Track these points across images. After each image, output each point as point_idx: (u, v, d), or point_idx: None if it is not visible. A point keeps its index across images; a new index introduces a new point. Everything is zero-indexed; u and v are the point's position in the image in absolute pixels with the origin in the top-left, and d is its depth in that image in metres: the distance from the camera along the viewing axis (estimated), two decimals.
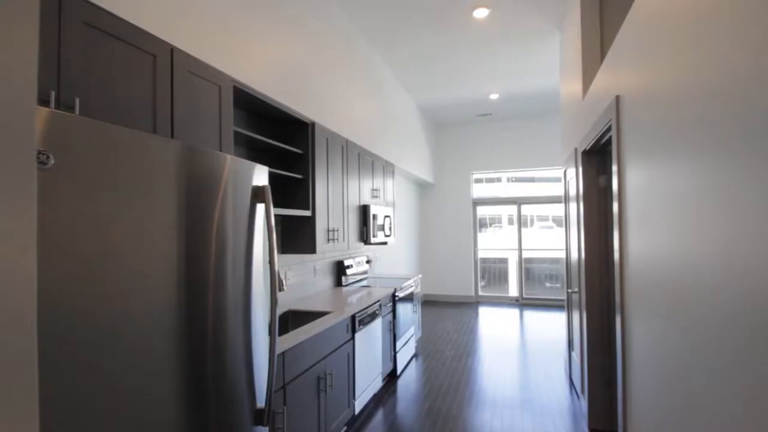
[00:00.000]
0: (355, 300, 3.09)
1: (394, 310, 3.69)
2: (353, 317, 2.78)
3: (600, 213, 2.75)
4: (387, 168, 4.54)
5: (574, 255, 3.28)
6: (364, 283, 4.09)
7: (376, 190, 4.12)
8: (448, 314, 6.35)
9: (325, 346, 2.37)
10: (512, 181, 7.48)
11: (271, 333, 1.42)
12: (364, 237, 3.74)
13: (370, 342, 3.08)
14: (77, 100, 1.30)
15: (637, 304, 1.63)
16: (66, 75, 1.30)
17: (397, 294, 3.71)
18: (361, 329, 2.89)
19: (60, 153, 0.88)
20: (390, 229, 4.30)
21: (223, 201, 1.33)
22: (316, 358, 2.26)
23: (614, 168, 1.88)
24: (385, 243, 4.43)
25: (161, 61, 1.61)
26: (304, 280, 3.31)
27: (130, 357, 1.00)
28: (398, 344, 3.75)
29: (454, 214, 7.51)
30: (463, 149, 7.47)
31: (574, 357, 3.45)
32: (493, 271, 7.59)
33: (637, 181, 1.58)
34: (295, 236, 2.91)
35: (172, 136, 1.65)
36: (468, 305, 7.08)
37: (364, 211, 3.76)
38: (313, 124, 2.86)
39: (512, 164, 7.14)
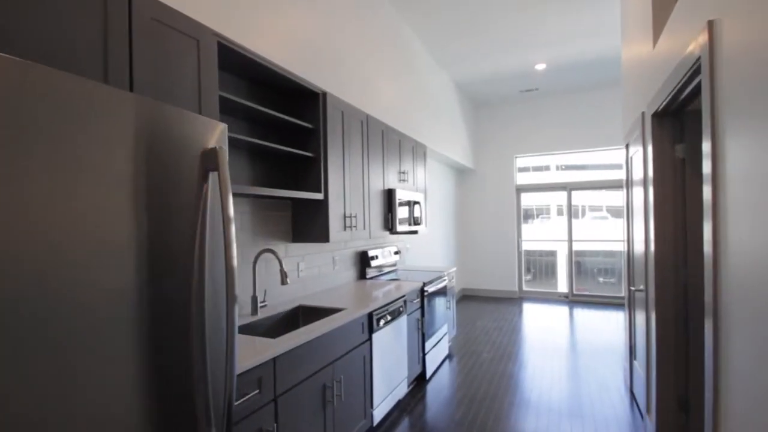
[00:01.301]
0: (376, 295, 2.74)
1: (422, 307, 3.30)
2: (370, 315, 2.43)
3: (676, 193, 2.19)
4: (417, 149, 4.13)
5: (639, 247, 2.72)
6: (392, 275, 3.73)
7: (403, 173, 3.72)
8: (488, 311, 5.86)
9: (334, 349, 2.04)
10: (561, 168, 6.76)
11: (227, 340, 1.09)
12: (389, 225, 3.37)
13: (392, 343, 2.72)
14: None
15: (740, 309, 1.14)
16: None
17: (426, 289, 3.31)
18: (380, 329, 2.53)
19: None
20: (420, 216, 3.90)
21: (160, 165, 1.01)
22: (321, 364, 1.93)
23: (706, 141, 1.36)
24: (414, 232, 4.04)
25: (114, 4, 1.31)
26: (322, 272, 3.00)
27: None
28: (428, 345, 3.37)
29: (495, 202, 6.94)
30: (505, 130, 6.86)
31: (636, 367, 2.90)
32: (540, 265, 6.96)
33: (744, 150, 1.08)
34: (307, 223, 2.60)
35: None
36: (510, 301, 6.53)
37: (389, 196, 3.39)
38: (324, 95, 2.52)
39: (561, 146, 6.44)
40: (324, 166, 2.51)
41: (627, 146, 3.15)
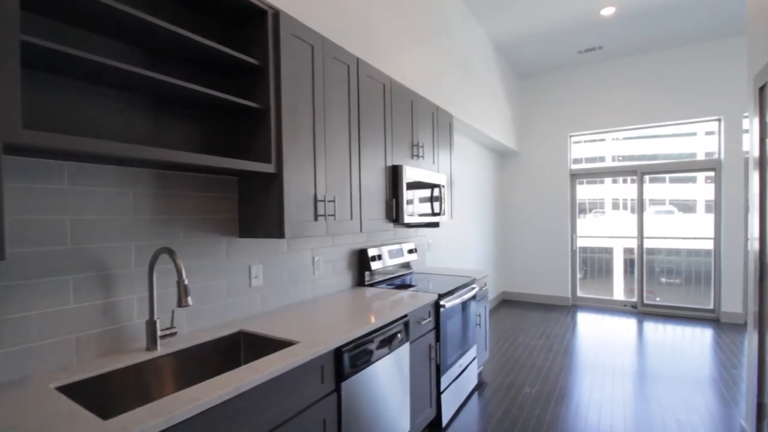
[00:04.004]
0: (366, 314, 1.88)
1: (437, 328, 2.39)
2: (338, 354, 1.56)
3: None
4: (440, 118, 3.18)
5: None
6: (404, 280, 2.85)
7: (418, 146, 2.81)
8: (534, 322, 4.81)
9: (250, 421, 1.20)
10: (618, 159, 5.50)
11: None
12: (393, 214, 2.48)
13: (382, 387, 1.84)
14: None
15: None
16: None
17: (442, 303, 2.40)
18: (358, 371, 1.67)
19: None
20: (441, 204, 2.97)
21: None
22: None
23: None
24: (434, 224, 3.12)
25: None
26: (295, 278, 2.17)
27: None
28: (445, 379, 2.46)
29: (544, 190, 5.81)
30: (557, 103, 5.68)
31: None
32: (594, 263, 5.75)
33: None
34: (255, 209, 1.77)
35: None
36: (561, 309, 5.41)
37: (393, 175, 2.50)
38: (275, 15, 1.67)
39: (633, 120, 5.18)
40: (276, 122, 1.67)
41: (762, 93, 2.03)
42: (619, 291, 5.53)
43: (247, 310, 1.89)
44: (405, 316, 2.04)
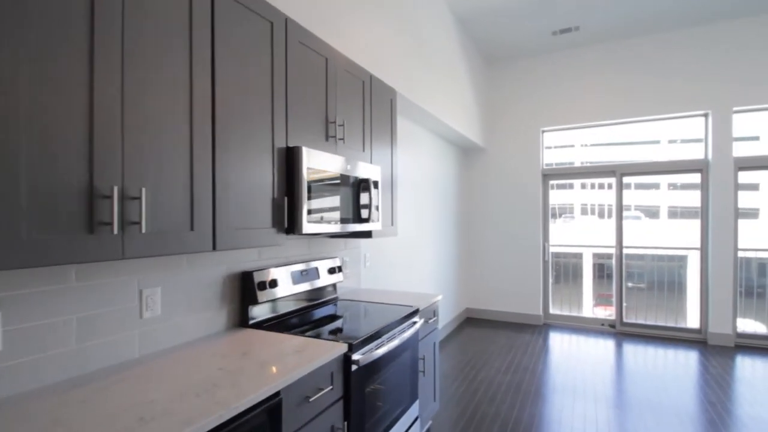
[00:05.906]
0: (195, 398, 1.03)
1: (346, 397, 1.56)
2: None
3: None
4: (376, 92, 2.37)
5: None
6: (319, 313, 2.01)
7: (335, 124, 1.98)
8: (500, 348, 4.06)
9: None
10: (585, 164, 4.94)
11: None
12: (287, 221, 1.63)
13: None
14: None
15: None
16: None
17: (356, 358, 1.57)
18: None
19: None
20: (372, 207, 2.15)
21: None
22: None
23: None
24: (365, 234, 2.31)
25: None
26: (99, 327, 1.29)
27: None
28: None
29: (513, 193, 5.12)
30: (528, 95, 5.01)
31: None
32: (570, 270, 5.11)
33: None
34: None
35: None
36: (532, 330, 4.71)
37: (288, 161, 1.66)
38: None
39: (611, 114, 4.57)
40: None
41: None
42: (588, 296, 4.94)
43: None
44: (275, 395, 1.19)
